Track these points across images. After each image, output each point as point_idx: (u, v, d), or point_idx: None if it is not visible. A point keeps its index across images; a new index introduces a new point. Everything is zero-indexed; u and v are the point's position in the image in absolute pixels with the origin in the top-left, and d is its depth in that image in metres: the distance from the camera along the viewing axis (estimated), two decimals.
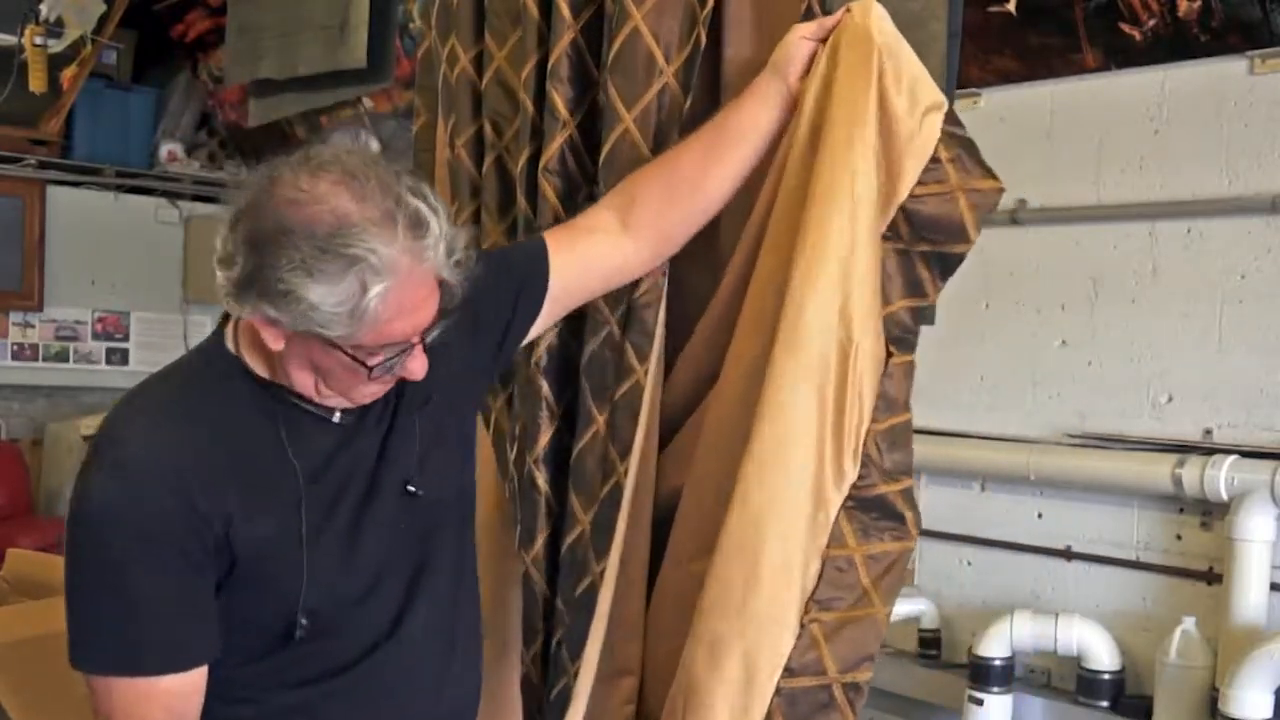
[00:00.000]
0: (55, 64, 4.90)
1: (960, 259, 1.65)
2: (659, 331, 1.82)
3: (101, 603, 1.37)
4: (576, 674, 1.80)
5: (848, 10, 1.64)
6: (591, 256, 1.70)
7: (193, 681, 1.38)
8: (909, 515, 1.64)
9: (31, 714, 2.77)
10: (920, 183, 1.60)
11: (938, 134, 1.60)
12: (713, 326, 1.80)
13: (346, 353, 1.36)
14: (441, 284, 1.39)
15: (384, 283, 1.32)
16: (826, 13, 1.71)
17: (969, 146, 1.62)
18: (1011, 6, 3.04)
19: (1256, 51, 2.84)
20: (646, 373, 1.81)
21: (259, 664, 1.44)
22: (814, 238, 1.60)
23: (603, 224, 1.71)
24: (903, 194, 1.61)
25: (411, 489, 1.49)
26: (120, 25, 5.33)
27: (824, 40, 1.66)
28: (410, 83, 4.50)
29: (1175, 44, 2.92)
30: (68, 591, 1.39)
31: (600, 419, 1.86)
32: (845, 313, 1.59)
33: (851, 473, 1.60)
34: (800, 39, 1.66)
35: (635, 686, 1.84)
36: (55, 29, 4.81)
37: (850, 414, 1.59)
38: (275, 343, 1.37)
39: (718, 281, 1.80)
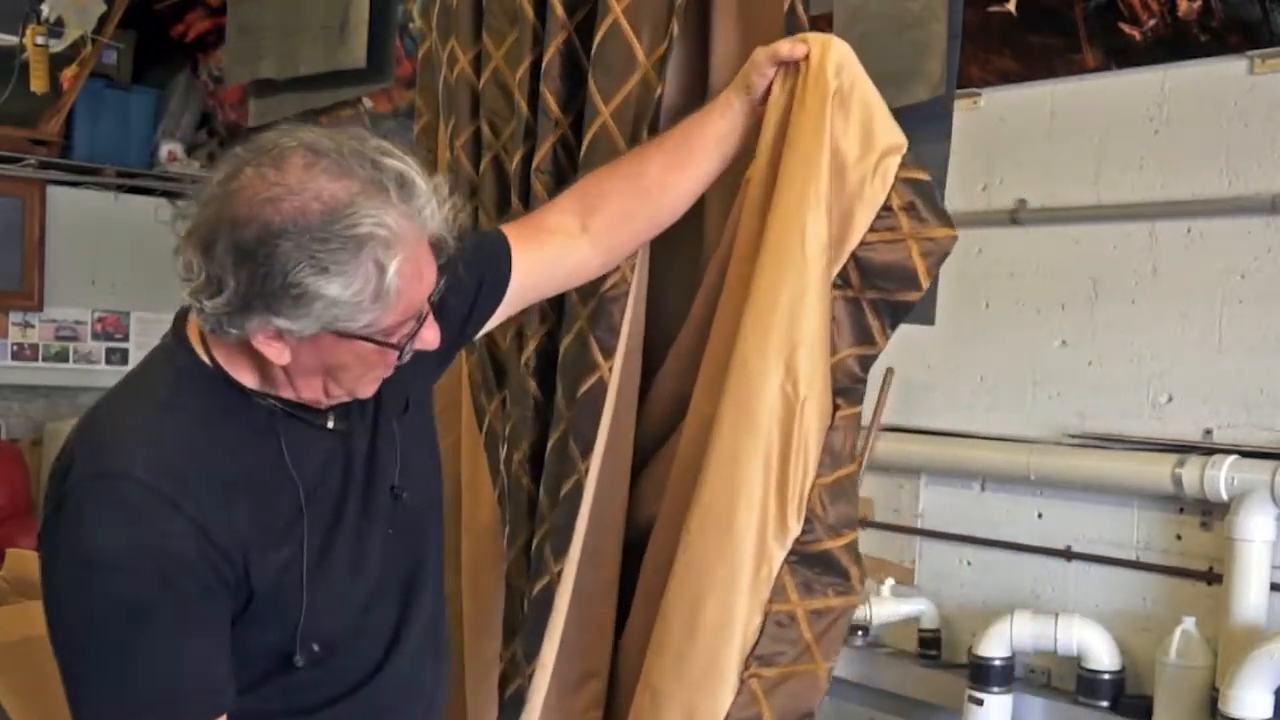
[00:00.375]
0: (55, 64, 4.90)
1: (910, 307, 1.64)
2: (625, 328, 1.80)
3: (119, 658, 1.23)
4: (531, 675, 1.79)
5: (808, 48, 1.61)
6: (551, 257, 1.66)
7: None
8: (853, 570, 1.62)
9: (31, 714, 2.77)
10: (871, 229, 1.59)
11: (890, 181, 1.58)
12: (685, 353, 1.79)
13: (372, 340, 1.27)
14: (433, 240, 1.31)
15: (399, 255, 1.23)
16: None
17: (924, 191, 1.59)
18: (1011, 6, 3.03)
19: (1256, 51, 2.83)
20: (611, 369, 1.79)
21: (261, 690, 1.35)
22: (762, 293, 1.59)
23: (563, 225, 1.66)
24: (854, 242, 1.60)
25: (398, 493, 1.44)
26: (120, 25, 5.33)
27: (788, 64, 1.63)
28: (410, 83, 4.49)
29: (1175, 44, 2.91)
30: (67, 648, 1.26)
31: (568, 416, 1.85)
32: (792, 367, 1.57)
33: (795, 528, 1.58)
34: (765, 61, 1.63)
35: (601, 691, 1.82)
36: (55, 29, 4.81)
37: (795, 469, 1.58)
38: (281, 357, 1.26)
39: (695, 285, 1.80)
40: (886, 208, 1.58)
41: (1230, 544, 2.76)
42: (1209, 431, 2.93)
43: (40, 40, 4.67)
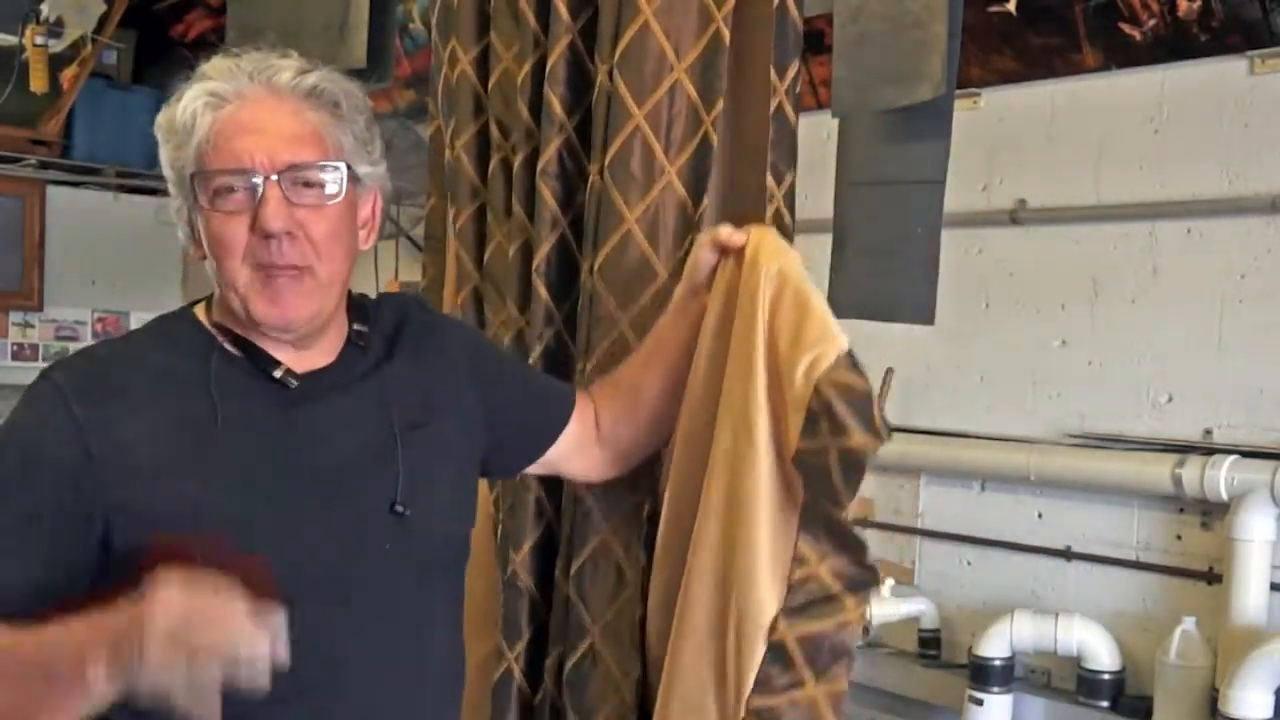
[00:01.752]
0: (55, 64, 4.90)
1: (839, 526, 1.55)
2: None
3: None
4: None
5: (746, 238, 1.58)
6: (583, 440, 1.70)
7: None
8: None
9: None
10: (801, 437, 1.50)
11: (812, 385, 1.48)
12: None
13: (193, 187, 1.35)
14: (325, 130, 1.36)
15: (210, 84, 1.34)
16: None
17: (849, 398, 1.49)
18: (1011, 6, 3.03)
19: (1256, 51, 2.83)
20: None
21: None
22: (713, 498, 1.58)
23: (590, 421, 1.70)
24: (792, 450, 1.52)
25: (400, 509, 1.39)
26: (120, 25, 5.32)
27: (728, 252, 1.60)
28: (410, 83, 4.50)
29: (1175, 44, 2.91)
30: None
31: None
32: (727, 581, 1.56)
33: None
34: (704, 251, 1.63)
35: None
36: (55, 29, 4.80)
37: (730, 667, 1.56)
38: (194, 247, 1.38)
39: None
40: (812, 412, 1.48)
41: (1230, 544, 2.76)
42: (1209, 431, 2.94)
43: (40, 40, 4.67)
